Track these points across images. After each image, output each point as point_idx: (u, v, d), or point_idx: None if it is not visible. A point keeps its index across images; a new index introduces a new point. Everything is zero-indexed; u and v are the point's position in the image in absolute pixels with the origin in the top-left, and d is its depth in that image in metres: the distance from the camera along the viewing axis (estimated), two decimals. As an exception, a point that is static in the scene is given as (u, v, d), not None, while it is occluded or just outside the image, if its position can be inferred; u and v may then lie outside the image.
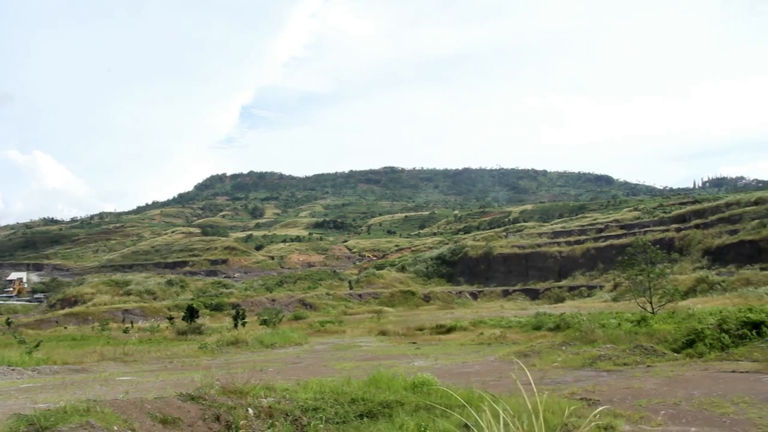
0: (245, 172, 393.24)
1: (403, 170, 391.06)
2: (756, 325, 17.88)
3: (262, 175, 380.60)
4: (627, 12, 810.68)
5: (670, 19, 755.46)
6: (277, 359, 26.69)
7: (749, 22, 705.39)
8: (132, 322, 59.55)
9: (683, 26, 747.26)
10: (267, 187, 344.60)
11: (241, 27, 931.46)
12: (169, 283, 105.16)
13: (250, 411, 8.00)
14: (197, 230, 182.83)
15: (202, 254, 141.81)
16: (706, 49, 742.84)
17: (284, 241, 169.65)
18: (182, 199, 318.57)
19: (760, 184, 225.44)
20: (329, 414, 8.90)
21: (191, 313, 46.65)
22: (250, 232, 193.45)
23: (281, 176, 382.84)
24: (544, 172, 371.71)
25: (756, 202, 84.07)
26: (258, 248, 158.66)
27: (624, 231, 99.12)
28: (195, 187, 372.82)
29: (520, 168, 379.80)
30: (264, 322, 47.47)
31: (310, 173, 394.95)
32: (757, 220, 74.38)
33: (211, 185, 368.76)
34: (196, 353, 30.34)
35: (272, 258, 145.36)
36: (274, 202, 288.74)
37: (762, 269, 60.09)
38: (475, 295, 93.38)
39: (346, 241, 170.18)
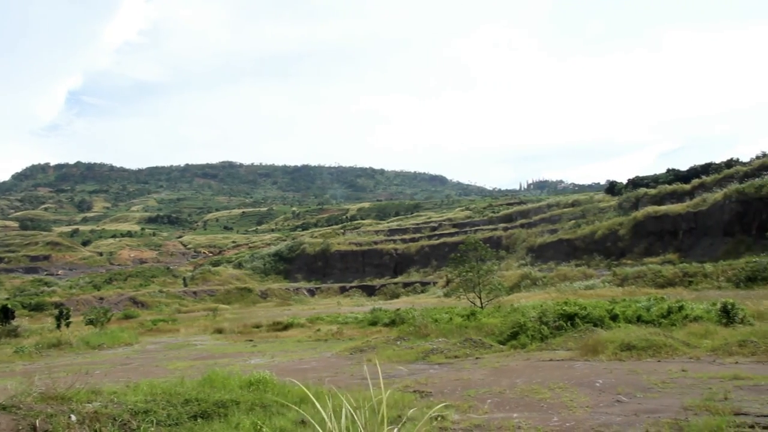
0: (72, 162, 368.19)
1: (241, 165, 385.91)
2: (570, 317, 19.82)
3: (90, 166, 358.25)
4: (461, 20, 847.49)
5: (502, 28, 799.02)
6: (105, 361, 25.36)
7: (583, 34, 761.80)
8: (-68, 326, 53.83)
9: (513, 37, 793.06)
10: (96, 179, 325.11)
11: (67, 5, 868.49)
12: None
13: (73, 417, 7.51)
14: (14, 224, 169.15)
15: (20, 250, 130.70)
16: (528, 60, 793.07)
17: (114, 236, 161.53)
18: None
19: (576, 188, 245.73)
20: (161, 416, 8.57)
21: (6, 314, 42.99)
22: (76, 227, 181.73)
23: (112, 168, 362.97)
24: (382, 171, 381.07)
25: (572, 204, 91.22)
26: (85, 244, 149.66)
27: (456, 229, 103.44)
28: (12, 176, 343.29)
29: (358, 166, 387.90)
30: (91, 322, 44.84)
31: (143, 166, 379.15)
32: (573, 221, 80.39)
33: (32, 175, 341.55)
34: (10, 358, 28.03)
35: (101, 254, 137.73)
36: (104, 195, 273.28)
37: (577, 266, 65.03)
38: (312, 292, 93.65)
39: (180, 237, 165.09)
